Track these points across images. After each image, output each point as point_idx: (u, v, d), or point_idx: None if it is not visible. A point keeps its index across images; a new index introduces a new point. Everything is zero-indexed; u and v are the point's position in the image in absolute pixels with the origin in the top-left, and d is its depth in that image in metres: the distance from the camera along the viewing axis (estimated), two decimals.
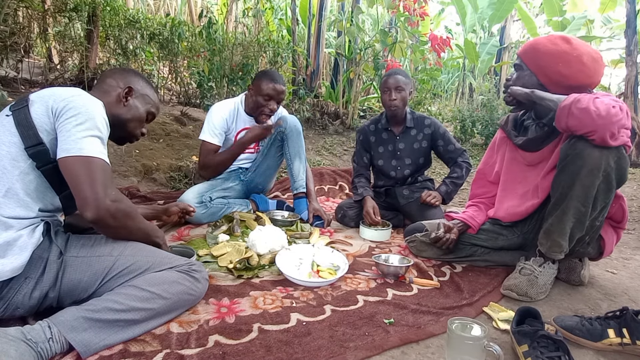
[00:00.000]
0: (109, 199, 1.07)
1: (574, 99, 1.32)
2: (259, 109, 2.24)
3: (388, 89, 2.20)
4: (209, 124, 2.21)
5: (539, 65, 1.52)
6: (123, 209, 1.11)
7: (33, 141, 1.07)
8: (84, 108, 1.10)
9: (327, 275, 1.53)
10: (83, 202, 1.05)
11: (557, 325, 1.25)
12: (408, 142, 2.31)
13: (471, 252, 1.77)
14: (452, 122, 5.82)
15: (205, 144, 2.21)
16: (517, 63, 1.60)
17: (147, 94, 1.36)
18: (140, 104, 1.33)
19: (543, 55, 1.51)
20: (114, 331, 1.04)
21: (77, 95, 1.13)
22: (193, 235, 1.95)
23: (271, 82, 2.19)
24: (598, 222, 1.47)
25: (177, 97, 4.62)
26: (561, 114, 1.35)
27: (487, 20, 8.17)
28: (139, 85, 1.34)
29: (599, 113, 1.27)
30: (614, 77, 13.48)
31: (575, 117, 1.31)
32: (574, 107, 1.31)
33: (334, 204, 2.80)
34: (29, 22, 3.90)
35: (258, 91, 2.21)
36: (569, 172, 1.38)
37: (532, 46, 1.55)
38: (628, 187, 3.65)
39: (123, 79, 1.31)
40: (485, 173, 1.87)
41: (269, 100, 2.21)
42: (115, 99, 1.29)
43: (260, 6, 5.60)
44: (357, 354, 1.08)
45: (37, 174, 1.09)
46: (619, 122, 1.28)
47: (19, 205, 1.06)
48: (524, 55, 1.57)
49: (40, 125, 1.08)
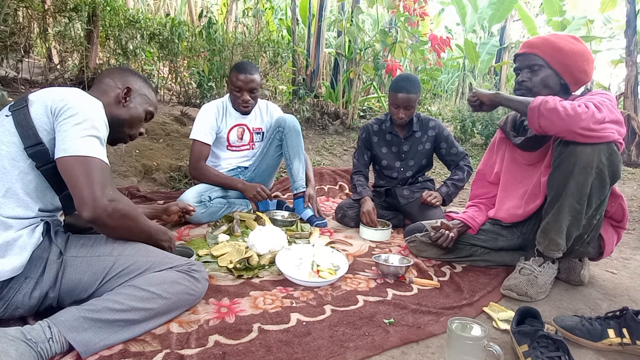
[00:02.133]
0: (107, 199, 1.06)
1: (541, 100, 1.35)
2: (235, 102, 2.26)
3: (397, 106, 2.16)
4: (199, 123, 2.23)
5: (566, 64, 1.51)
6: (121, 209, 1.10)
7: (32, 141, 1.07)
8: (83, 108, 1.10)
9: (327, 275, 1.53)
10: (80, 202, 1.05)
11: (557, 325, 1.25)
12: (413, 144, 2.31)
13: (471, 252, 1.77)
14: (452, 122, 5.81)
15: (196, 143, 2.22)
16: (538, 63, 1.54)
17: (146, 94, 1.36)
18: (139, 104, 1.33)
19: (569, 54, 1.50)
20: (114, 331, 1.04)
21: (76, 96, 1.13)
22: (193, 235, 1.95)
23: (239, 72, 2.18)
24: (596, 220, 1.48)
25: (177, 97, 4.62)
26: (532, 115, 1.37)
27: (487, 20, 8.17)
28: (137, 85, 1.34)
29: (567, 112, 1.29)
30: (614, 77, 13.48)
31: (545, 118, 1.33)
32: (542, 108, 1.33)
33: (334, 204, 2.80)
34: (29, 22, 3.90)
35: (231, 84, 2.22)
36: (562, 170, 1.39)
37: (552, 45, 1.52)
38: (628, 187, 3.65)
39: (121, 79, 1.31)
40: (485, 174, 1.87)
41: (240, 92, 2.21)
42: (114, 99, 1.28)
43: (260, 6, 5.60)
44: (357, 354, 1.08)
45: (36, 174, 1.09)
46: (589, 119, 1.29)
47: (19, 205, 1.06)
48: (545, 55, 1.52)
49: (40, 125, 1.08)
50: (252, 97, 2.24)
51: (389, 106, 2.23)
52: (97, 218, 1.06)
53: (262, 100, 2.47)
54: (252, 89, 2.22)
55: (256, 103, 2.33)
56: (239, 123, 2.33)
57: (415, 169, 2.34)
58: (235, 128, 2.31)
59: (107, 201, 1.06)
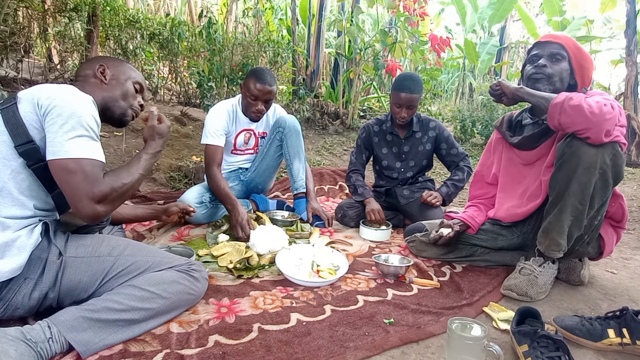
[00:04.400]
0: (98, 197, 1.06)
1: (566, 97, 1.33)
2: (248, 109, 2.21)
3: (400, 105, 2.15)
4: (210, 126, 2.17)
5: (582, 65, 1.54)
6: (113, 198, 1.10)
7: (23, 139, 1.06)
8: (70, 107, 1.07)
9: (327, 275, 1.53)
10: (74, 205, 1.06)
11: (557, 325, 1.25)
12: (413, 145, 2.31)
13: (471, 252, 1.77)
14: (452, 122, 5.81)
15: (209, 147, 2.15)
16: (561, 53, 1.54)
17: (123, 68, 1.34)
18: (121, 76, 1.32)
19: (586, 57, 1.55)
20: (114, 331, 1.04)
21: (63, 94, 1.10)
22: (193, 235, 1.95)
23: (258, 82, 2.11)
24: (597, 221, 1.48)
25: (177, 97, 4.62)
26: (553, 111, 1.35)
27: (487, 20, 8.17)
28: (111, 63, 1.32)
29: (592, 110, 1.28)
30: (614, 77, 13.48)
31: (567, 115, 1.32)
32: (566, 105, 1.32)
33: (334, 204, 2.80)
34: (29, 22, 3.90)
35: (246, 91, 2.16)
36: (565, 171, 1.38)
37: (576, 46, 1.55)
38: (628, 187, 3.65)
39: (93, 63, 1.30)
40: (483, 175, 1.87)
41: (256, 101, 2.15)
42: (96, 83, 1.27)
43: (260, 6, 5.60)
44: (357, 354, 1.08)
45: (28, 173, 1.08)
46: (613, 120, 1.28)
47: (14, 204, 1.06)
48: (570, 49, 1.54)
49: (30, 123, 1.07)
50: (266, 106, 2.20)
51: (391, 105, 2.22)
52: (95, 216, 1.07)
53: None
54: (268, 99, 2.18)
55: (267, 111, 2.28)
56: (247, 128, 2.30)
57: (416, 170, 2.34)
58: (242, 133, 2.29)
59: (100, 197, 1.06)
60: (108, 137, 3.12)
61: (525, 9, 8.47)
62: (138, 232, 1.93)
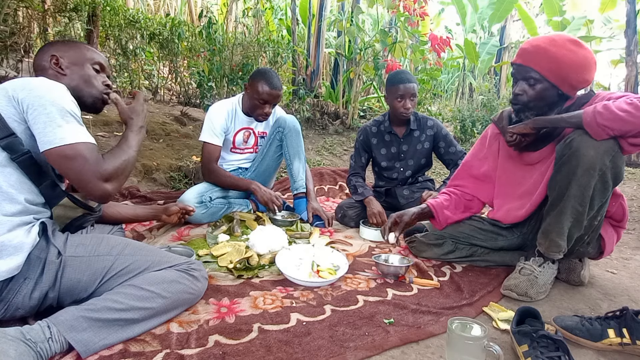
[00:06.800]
0: (105, 175, 1.11)
1: (593, 114, 1.30)
2: (255, 111, 2.23)
3: (403, 97, 2.17)
4: (209, 124, 2.20)
5: (563, 77, 1.44)
6: (117, 175, 1.15)
7: (4, 132, 1.05)
8: (49, 95, 1.07)
9: (327, 275, 1.53)
10: (84, 188, 1.10)
11: (557, 325, 1.25)
12: (411, 144, 2.31)
13: (471, 253, 1.76)
14: (452, 122, 5.81)
15: (207, 145, 2.20)
16: (533, 77, 1.46)
17: (77, 52, 1.29)
18: (78, 63, 1.28)
19: (567, 65, 1.42)
20: (114, 330, 1.04)
21: (38, 84, 1.09)
22: (193, 235, 1.95)
23: (268, 86, 2.13)
24: (597, 222, 1.47)
25: (177, 97, 4.62)
26: (593, 131, 1.32)
27: (487, 20, 8.18)
28: (63, 50, 1.27)
29: (630, 113, 1.26)
30: (614, 77, 13.48)
31: (609, 128, 1.29)
32: (599, 120, 1.29)
33: (334, 204, 2.80)
34: (29, 22, 3.90)
35: (254, 92, 2.17)
36: (565, 172, 1.38)
37: (550, 57, 1.42)
38: (628, 187, 3.65)
39: (43, 56, 1.26)
40: (472, 166, 1.80)
41: (264, 104, 2.18)
42: (54, 74, 1.24)
43: (260, 6, 5.60)
44: (357, 354, 1.08)
45: (14, 166, 1.07)
46: None
47: (4, 199, 1.05)
48: (542, 68, 1.44)
49: (8, 116, 1.06)
50: (272, 107, 2.25)
51: (393, 102, 2.22)
52: (106, 194, 1.12)
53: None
54: (276, 102, 2.23)
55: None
56: (246, 127, 2.31)
57: (415, 169, 2.34)
58: (242, 131, 2.30)
59: (106, 177, 1.11)
60: (108, 137, 3.12)
61: (525, 8, 8.47)
62: (138, 232, 1.93)
